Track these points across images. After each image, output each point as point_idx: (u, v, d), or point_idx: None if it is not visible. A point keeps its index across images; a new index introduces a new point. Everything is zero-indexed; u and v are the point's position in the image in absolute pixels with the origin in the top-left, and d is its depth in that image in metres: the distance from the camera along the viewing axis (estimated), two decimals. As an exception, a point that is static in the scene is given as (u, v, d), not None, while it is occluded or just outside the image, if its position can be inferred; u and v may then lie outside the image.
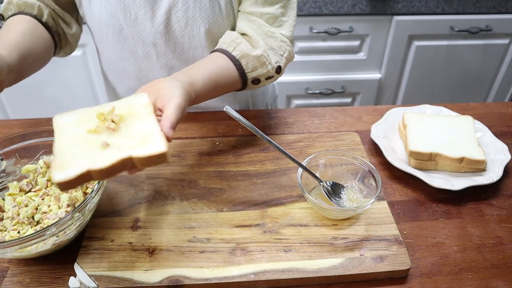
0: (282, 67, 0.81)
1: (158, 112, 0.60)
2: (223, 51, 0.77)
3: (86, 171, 0.49)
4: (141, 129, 0.55)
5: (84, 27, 0.90)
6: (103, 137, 0.53)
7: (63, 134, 0.54)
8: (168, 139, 0.54)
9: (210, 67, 0.73)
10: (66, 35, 0.85)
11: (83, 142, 0.52)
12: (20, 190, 0.67)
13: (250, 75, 0.78)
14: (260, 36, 0.79)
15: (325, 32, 1.56)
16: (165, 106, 0.59)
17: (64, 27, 0.84)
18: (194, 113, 0.92)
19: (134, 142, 0.53)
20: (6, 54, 0.67)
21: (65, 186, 0.49)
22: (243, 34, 0.80)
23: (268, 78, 0.80)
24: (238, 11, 0.84)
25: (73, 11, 0.87)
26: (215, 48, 0.79)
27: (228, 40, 0.78)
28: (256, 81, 0.79)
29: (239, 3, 0.83)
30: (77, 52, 1.53)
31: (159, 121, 0.56)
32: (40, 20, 0.79)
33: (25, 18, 0.77)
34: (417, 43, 1.62)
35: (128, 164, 0.52)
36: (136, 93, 0.63)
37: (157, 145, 0.52)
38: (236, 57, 0.76)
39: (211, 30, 0.82)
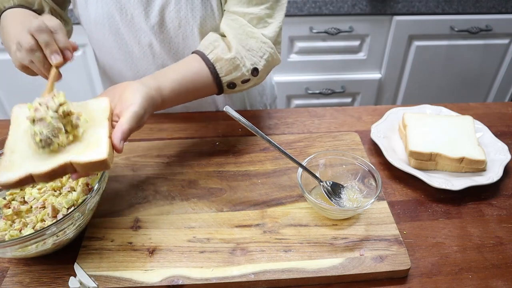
0: (259, 69, 0.77)
1: (116, 118, 0.60)
2: (200, 53, 0.75)
3: (28, 175, 0.51)
4: (92, 135, 0.56)
5: (80, 27, 0.90)
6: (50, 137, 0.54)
7: (18, 128, 0.56)
8: (117, 149, 0.55)
9: (183, 70, 0.72)
10: None
11: (32, 140, 0.54)
12: (21, 189, 0.67)
13: (225, 79, 0.75)
14: (239, 36, 0.76)
15: (325, 32, 1.56)
16: (122, 112, 0.59)
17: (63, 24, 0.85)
18: (194, 113, 0.92)
19: (79, 147, 0.54)
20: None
21: (7, 186, 0.52)
22: (224, 35, 0.78)
23: (244, 81, 0.77)
24: (224, 10, 0.83)
25: (65, 9, 0.87)
26: (196, 49, 0.77)
27: (207, 42, 0.76)
28: (232, 85, 0.76)
29: (225, 2, 0.81)
30: (77, 52, 1.53)
31: (113, 127, 0.57)
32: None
33: (26, 11, 0.76)
34: (417, 43, 1.62)
35: (68, 169, 0.53)
36: (102, 93, 0.65)
37: (99, 152, 0.53)
38: (211, 61, 0.74)
39: (204, 30, 0.82)
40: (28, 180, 0.52)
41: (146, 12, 0.80)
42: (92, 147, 0.54)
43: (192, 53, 0.77)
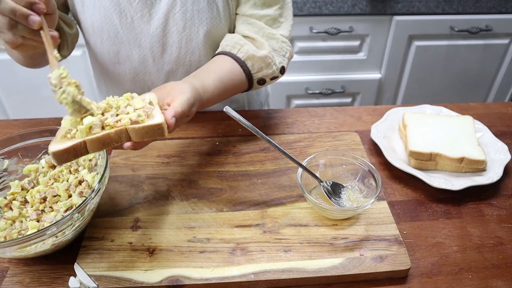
0: (285, 67, 0.83)
1: (166, 106, 0.62)
2: (228, 53, 0.78)
3: (82, 141, 0.51)
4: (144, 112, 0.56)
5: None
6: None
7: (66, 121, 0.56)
8: (168, 124, 0.56)
9: (219, 71, 0.75)
10: (66, 34, 0.85)
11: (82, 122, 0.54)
12: (22, 189, 0.67)
13: (256, 76, 0.79)
14: (263, 39, 0.80)
15: (325, 32, 1.56)
16: (173, 101, 0.61)
17: (64, 26, 0.84)
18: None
19: (133, 117, 0.54)
20: None
21: (59, 155, 0.50)
22: (245, 37, 0.81)
23: (273, 78, 0.82)
24: (237, 14, 0.84)
25: (69, 12, 0.87)
26: (218, 51, 0.80)
27: (231, 42, 0.79)
28: (262, 81, 0.81)
29: (237, 6, 0.83)
30: (77, 52, 1.53)
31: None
32: None
33: None
34: (417, 43, 1.62)
35: (123, 136, 0.53)
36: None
37: (154, 118, 0.54)
38: (242, 59, 0.77)
39: (209, 32, 0.82)
40: (81, 148, 0.51)
41: (150, 14, 0.80)
42: (146, 118, 0.55)
43: (216, 55, 0.79)
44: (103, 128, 0.53)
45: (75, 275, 0.58)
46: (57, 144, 0.51)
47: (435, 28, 1.58)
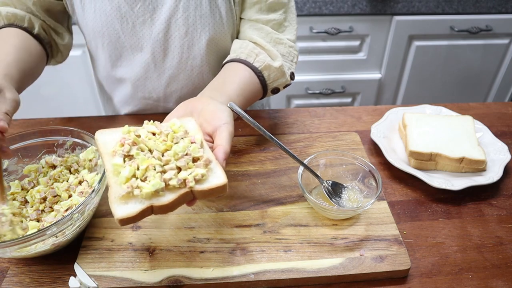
0: (294, 72, 0.83)
1: (207, 137, 0.59)
2: (244, 61, 0.76)
3: (149, 206, 0.48)
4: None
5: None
6: (159, 166, 0.51)
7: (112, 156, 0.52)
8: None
9: (239, 82, 0.73)
10: (58, 45, 0.85)
11: (140, 172, 0.50)
12: (22, 189, 0.67)
13: (271, 85, 0.79)
14: (270, 44, 0.79)
15: (325, 32, 1.56)
16: (216, 133, 0.58)
17: (56, 38, 0.83)
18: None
19: (193, 173, 0.51)
20: (8, 76, 0.66)
21: (125, 221, 0.47)
22: (253, 43, 0.80)
23: (286, 86, 0.82)
24: (242, 19, 0.83)
25: (65, 20, 0.86)
26: (233, 57, 0.78)
27: (245, 50, 0.78)
28: (276, 90, 0.81)
29: (242, 11, 0.83)
30: (77, 52, 1.53)
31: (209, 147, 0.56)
32: (31, 33, 0.77)
33: (15, 32, 0.76)
34: (417, 43, 1.62)
35: (188, 197, 0.51)
36: (176, 110, 0.62)
37: (217, 177, 0.51)
38: (259, 69, 0.76)
39: (212, 38, 0.82)
40: (147, 213, 0.48)
41: (152, 19, 0.79)
42: (208, 173, 0.52)
43: (230, 61, 0.77)
44: (166, 184, 0.50)
45: (75, 275, 0.58)
46: (121, 206, 0.48)
47: (435, 28, 1.59)
